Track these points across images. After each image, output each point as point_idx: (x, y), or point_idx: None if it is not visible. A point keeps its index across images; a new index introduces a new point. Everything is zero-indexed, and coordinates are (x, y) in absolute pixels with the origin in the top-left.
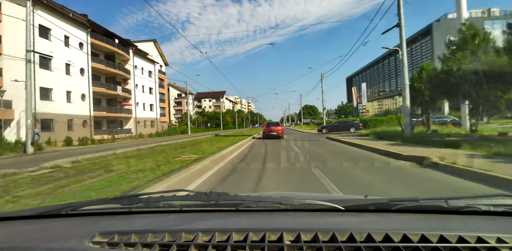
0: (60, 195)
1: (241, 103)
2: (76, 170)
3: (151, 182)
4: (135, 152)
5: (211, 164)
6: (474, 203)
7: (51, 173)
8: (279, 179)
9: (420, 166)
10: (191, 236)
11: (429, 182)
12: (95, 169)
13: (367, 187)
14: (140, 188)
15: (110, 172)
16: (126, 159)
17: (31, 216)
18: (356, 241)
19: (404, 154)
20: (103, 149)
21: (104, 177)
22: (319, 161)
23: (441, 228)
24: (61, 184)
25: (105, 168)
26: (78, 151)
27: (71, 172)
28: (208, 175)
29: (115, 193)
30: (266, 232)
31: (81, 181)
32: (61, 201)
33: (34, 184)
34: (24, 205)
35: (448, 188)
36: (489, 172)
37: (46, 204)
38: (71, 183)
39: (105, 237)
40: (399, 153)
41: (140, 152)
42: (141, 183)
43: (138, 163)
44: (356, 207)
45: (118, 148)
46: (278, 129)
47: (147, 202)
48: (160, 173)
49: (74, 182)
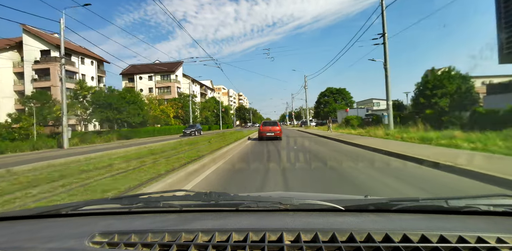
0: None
1: (228, 95)
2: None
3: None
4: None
5: None
6: (474, 203)
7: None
8: None
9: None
10: (191, 236)
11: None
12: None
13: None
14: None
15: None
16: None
17: (31, 216)
18: (356, 241)
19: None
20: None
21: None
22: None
23: (441, 228)
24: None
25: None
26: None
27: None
28: None
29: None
30: (266, 232)
31: None
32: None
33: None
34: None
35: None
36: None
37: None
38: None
39: (105, 237)
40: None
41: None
42: None
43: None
44: (356, 207)
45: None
46: (275, 129)
47: (147, 202)
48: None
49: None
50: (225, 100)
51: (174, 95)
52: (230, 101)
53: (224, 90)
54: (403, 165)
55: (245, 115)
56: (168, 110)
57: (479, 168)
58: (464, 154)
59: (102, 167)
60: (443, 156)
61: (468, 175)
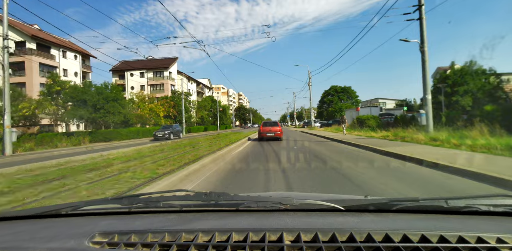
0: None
1: (228, 95)
2: None
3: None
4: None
5: None
6: (474, 203)
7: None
8: None
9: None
10: (191, 236)
11: None
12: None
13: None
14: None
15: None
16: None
17: (31, 216)
18: (356, 241)
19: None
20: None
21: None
22: None
23: (441, 228)
24: None
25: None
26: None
27: None
28: None
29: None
30: (266, 232)
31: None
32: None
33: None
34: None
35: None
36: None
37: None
38: None
39: (105, 237)
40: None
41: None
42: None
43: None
44: (356, 207)
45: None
46: (276, 129)
47: (147, 202)
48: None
49: None
50: (224, 100)
51: (168, 93)
52: (230, 101)
53: (223, 90)
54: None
55: (244, 116)
56: (158, 109)
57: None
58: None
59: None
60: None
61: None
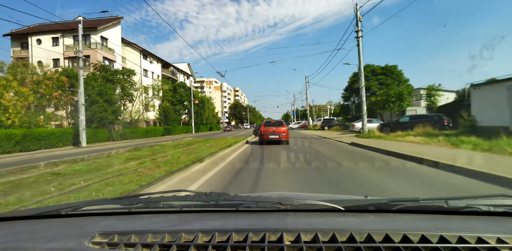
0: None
1: (221, 90)
2: None
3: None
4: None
5: None
6: (474, 203)
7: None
8: None
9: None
10: (191, 236)
11: None
12: None
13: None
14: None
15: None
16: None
17: (31, 216)
18: (356, 242)
19: None
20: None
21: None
22: None
23: (441, 229)
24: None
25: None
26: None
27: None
28: None
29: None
30: (266, 233)
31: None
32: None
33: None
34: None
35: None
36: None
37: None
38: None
39: (105, 238)
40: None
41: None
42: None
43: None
44: (356, 207)
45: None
46: (280, 130)
47: (147, 203)
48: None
49: None
50: (217, 96)
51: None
52: (224, 97)
53: (216, 84)
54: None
55: (241, 114)
56: (21, 94)
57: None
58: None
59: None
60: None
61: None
